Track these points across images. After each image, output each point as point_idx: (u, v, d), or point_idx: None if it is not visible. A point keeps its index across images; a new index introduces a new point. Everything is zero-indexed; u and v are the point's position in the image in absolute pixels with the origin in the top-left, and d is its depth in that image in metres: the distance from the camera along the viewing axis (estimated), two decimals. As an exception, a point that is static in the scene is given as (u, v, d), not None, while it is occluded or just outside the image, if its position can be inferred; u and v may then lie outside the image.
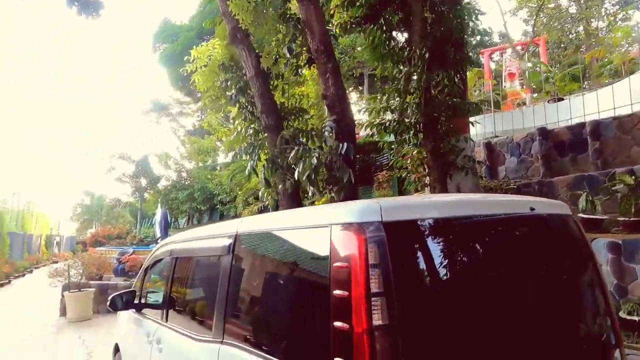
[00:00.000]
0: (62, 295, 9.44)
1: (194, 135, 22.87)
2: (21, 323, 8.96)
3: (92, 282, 9.77)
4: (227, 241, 2.40)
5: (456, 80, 5.96)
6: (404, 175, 8.68)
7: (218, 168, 20.18)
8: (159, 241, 13.99)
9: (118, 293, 3.85)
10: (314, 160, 5.08)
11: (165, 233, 13.73)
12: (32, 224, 25.57)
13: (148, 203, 20.09)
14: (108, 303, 3.73)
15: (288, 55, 6.54)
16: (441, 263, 1.50)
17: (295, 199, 6.73)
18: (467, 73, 8.15)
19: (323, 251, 1.57)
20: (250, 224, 2.38)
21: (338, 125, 5.56)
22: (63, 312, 9.43)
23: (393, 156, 8.28)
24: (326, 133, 5.60)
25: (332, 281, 1.45)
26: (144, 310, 3.77)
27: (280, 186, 6.33)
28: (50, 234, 32.04)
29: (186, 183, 18.38)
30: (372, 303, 1.31)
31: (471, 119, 6.85)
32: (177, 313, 3.06)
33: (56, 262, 30.86)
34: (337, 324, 1.37)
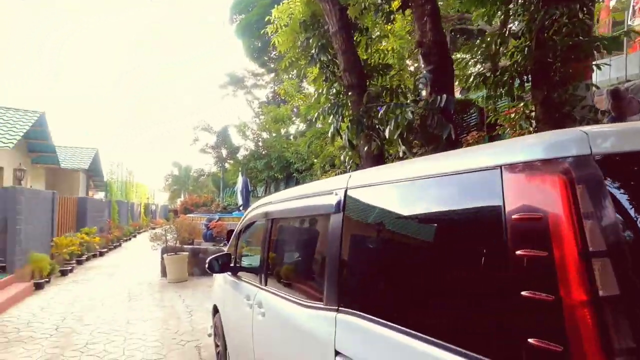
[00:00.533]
0: (162, 258, 10.23)
1: (269, 106, 23.19)
2: (132, 280, 9.91)
3: (185, 246, 10.42)
4: (335, 198, 2.10)
5: (581, 15, 4.95)
6: (502, 133, 7.74)
7: (292, 137, 20.34)
8: (241, 209, 14.59)
9: (215, 256, 3.84)
10: (409, 116, 4.59)
11: (246, 200, 14.23)
12: (133, 193, 28.43)
13: (229, 172, 21.02)
14: (206, 266, 3.73)
15: (379, 1, 5.96)
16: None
17: (380, 162, 6.33)
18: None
19: (487, 200, 1.18)
20: (366, 177, 2.03)
21: (435, 76, 4.96)
22: (163, 272, 10.25)
23: (491, 113, 7.41)
24: (420, 85, 5.04)
25: (511, 238, 1.05)
26: (240, 274, 3.72)
27: (365, 148, 5.95)
28: (147, 203, 35.47)
29: (263, 152, 18.82)
30: (592, 266, 0.90)
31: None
32: (278, 277, 2.89)
33: (154, 228, 34.25)
34: (529, 293, 0.98)
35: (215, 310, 4.65)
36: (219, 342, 4.51)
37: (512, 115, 6.19)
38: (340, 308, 1.92)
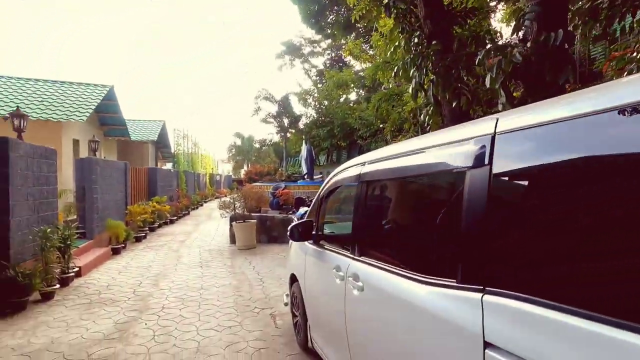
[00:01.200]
0: (230, 225, 10.30)
1: (330, 70, 22.40)
2: (203, 246, 10.13)
3: (253, 214, 10.38)
4: (474, 149, 1.55)
5: None
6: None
7: (352, 103, 19.53)
8: (305, 177, 14.40)
9: (295, 224, 3.48)
10: (517, 58, 3.78)
11: (311, 169, 13.95)
12: (199, 163, 29.55)
13: (291, 142, 20.89)
14: (288, 233, 3.38)
15: None
16: None
17: (466, 120, 5.55)
18: None
19: None
20: (528, 115, 1.43)
21: (545, 9, 4.06)
22: (232, 239, 10.34)
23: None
24: (527, 22, 4.17)
25: None
26: (325, 242, 3.32)
27: (454, 104, 5.20)
28: (212, 173, 36.86)
29: (325, 120, 18.30)
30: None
31: None
32: (381, 247, 2.42)
33: (219, 197, 35.73)
34: None
35: (293, 280, 4.35)
36: (297, 312, 4.24)
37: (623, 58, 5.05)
38: (487, 288, 1.41)
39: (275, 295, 5.99)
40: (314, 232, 3.44)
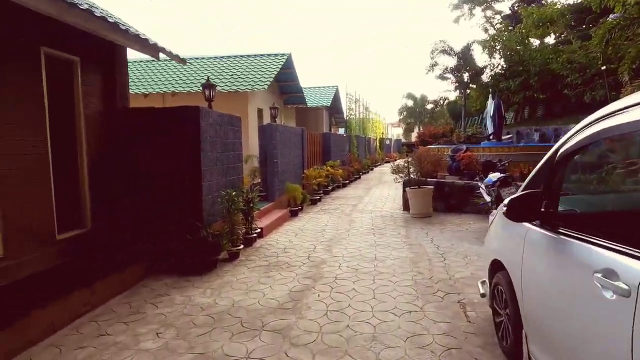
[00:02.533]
0: (404, 191, 9.49)
1: (528, 8, 18.50)
2: (375, 212, 9.68)
3: (429, 179, 9.29)
4: None
5: None
6: None
7: (557, 45, 15.62)
8: (491, 138, 12.30)
9: (516, 196, 2.33)
10: None
11: (499, 128, 11.80)
12: (369, 128, 29.60)
13: (471, 99, 18.40)
14: (504, 210, 2.28)
15: None
16: None
17: None
18: None
19: None
20: None
21: None
22: (405, 206, 9.54)
23: None
24: None
25: None
26: (566, 228, 2.10)
27: None
28: (382, 137, 36.65)
29: (518, 69, 15.16)
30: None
31: None
32: None
33: (388, 162, 35.49)
34: None
35: (496, 268, 3.25)
36: (501, 310, 3.16)
37: None
38: None
39: (461, 277, 4.95)
40: (544, 211, 2.24)
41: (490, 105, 12.13)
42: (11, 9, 3.76)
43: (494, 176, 6.90)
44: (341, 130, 26.04)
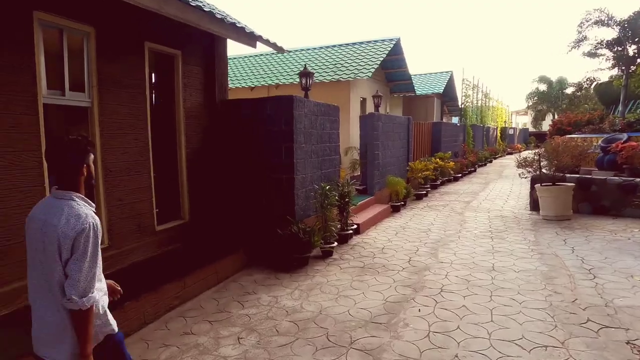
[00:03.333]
0: (532, 188, 7.97)
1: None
2: (493, 211, 8.36)
3: (568, 175, 7.62)
4: None
5: None
6: None
7: None
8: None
9: None
10: None
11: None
12: (489, 116, 26.68)
13: (635, 78, 14.88)
14: None
15: None
16: None
17: None
18: None
19: None
20: None
21: None
22: (534, 206, 8.02)
23: None
24: None
25: None
26: None
27: None
28: (504, 126, 32.85)
29: None
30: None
31: None
32: None
33: (510, 153, 31.66)
34: None
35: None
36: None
37: None
38: None
39: (627, 306, 3.70)
40: None
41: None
42: (119, 6, 3.81)
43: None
44: (455, 120, 23.95)
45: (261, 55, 14.31)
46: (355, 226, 6.60)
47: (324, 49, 13.13)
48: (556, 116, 28.76)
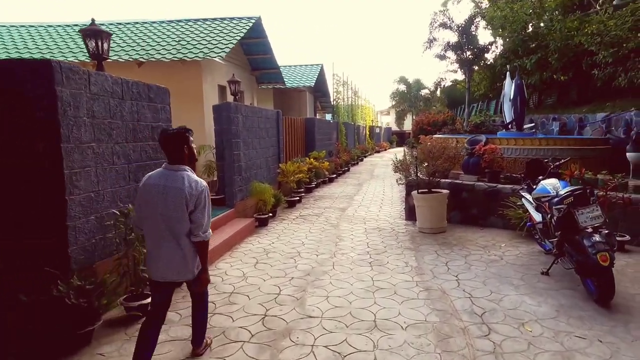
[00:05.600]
0: (408, 194, 7.14)
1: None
2: (370, 221, 7.32)
3: (441, 179, 6.94)
4: None
5: None
6: None
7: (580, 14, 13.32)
8: (510, 127, 9.99)
9: None
10: None
11: (521, 114, 9.47)
12: (359, 114, 27.08)
13: (474, 82, 15.95)
14: None
15: None
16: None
17: None
18: None
19: None
20: None
21: None
22: (410, 215, 7.21)
23: None
24: None
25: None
26: None
27: None
28: (372, 125, 34.16)
29: (533, 45, 12.75)
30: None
31: None
32: None
33: (378, 152, 33.11)
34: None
35: None
36: None
37: None
38: None
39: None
40: None
41: (510, 86, 9.79)
42: None
43: (551, 185, 4.58)
44: (328, 117, 23.50)
45: (69, 26, 11.05)
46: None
47: (166, 24, 10.57)
48: (414, 116, 30.90)
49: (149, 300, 3.61)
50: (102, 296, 3.08)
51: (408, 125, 41.54)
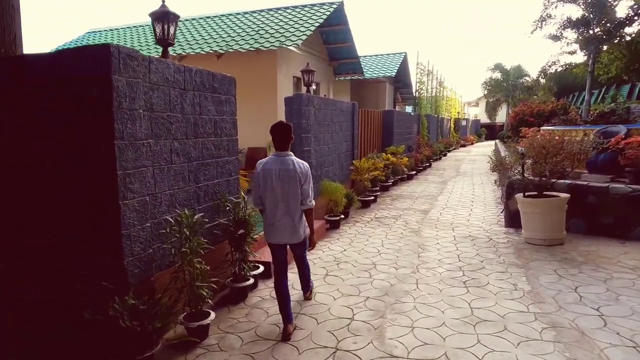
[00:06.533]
0: (508, 197, 5.98)
1: None
2: (459, 227, 6.32)
3: (555, 180, 5.67)
4: None
5: None
6: None
7: None
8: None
9: None
10: None
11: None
12: (443, 106, 25.18)
13: (599, 65, 13.45)
14: None
15: None
16: None
17: None
18: None
19: None
20: None
21: None
22: (510, 221, 6.05)
23: None
24: None
25: None
26: None
27: None
28: (457, 117, 31.74)
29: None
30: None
31: None
32: None
33: (464, 146, 30.60)
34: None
35: None
36: None
37: None
38: None
39: None
40: None
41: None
42: None
43: None
44: (408, 109, 22.13)
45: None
46: (260, 269, 4.22)
47: (247, 14, 10.43)
48: (512, 107, 27.91)
49: (209, 320, 3.17)
50: (156, 318, 2.65)
51: (501, 117, 37.95)
